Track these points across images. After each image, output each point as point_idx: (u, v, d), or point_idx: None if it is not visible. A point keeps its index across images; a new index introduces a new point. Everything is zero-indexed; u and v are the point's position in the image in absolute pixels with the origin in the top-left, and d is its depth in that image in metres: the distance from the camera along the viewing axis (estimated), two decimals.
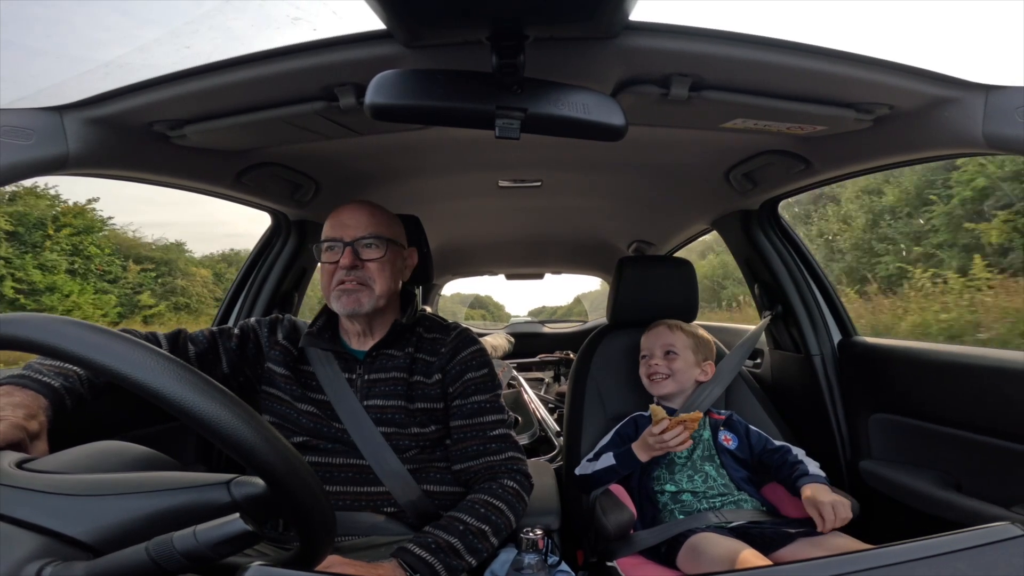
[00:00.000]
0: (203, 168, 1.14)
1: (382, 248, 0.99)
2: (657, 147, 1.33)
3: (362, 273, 0.97)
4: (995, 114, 0.80)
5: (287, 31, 0.77)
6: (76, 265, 10.23)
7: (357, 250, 0.97)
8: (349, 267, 0.96)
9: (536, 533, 0.77)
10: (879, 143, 1.03)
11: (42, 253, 9.72)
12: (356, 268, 0.96)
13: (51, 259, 9.74)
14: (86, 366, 0.41)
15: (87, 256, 10.51)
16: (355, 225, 0.98)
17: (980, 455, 1.10)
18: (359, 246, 0.97)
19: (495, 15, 0.67)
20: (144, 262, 11.54)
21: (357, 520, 0.93)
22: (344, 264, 0.96)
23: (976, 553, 0.52)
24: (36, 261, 9.61)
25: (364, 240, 0.97)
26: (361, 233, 0.97)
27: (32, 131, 0.80)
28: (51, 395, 0.74)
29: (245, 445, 0.42)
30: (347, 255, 0.96)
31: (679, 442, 1.10)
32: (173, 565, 0.40)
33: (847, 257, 8.42)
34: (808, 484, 1.06)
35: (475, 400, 1.00)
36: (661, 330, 1.36)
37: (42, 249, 9.76)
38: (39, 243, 9.76)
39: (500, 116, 0.74)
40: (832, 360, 1.47)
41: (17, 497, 0.43)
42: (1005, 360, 1.05)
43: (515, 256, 3.10)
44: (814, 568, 0.53)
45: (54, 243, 9.91)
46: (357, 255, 0.97)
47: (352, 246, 0.96)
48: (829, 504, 0.99)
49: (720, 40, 0.76)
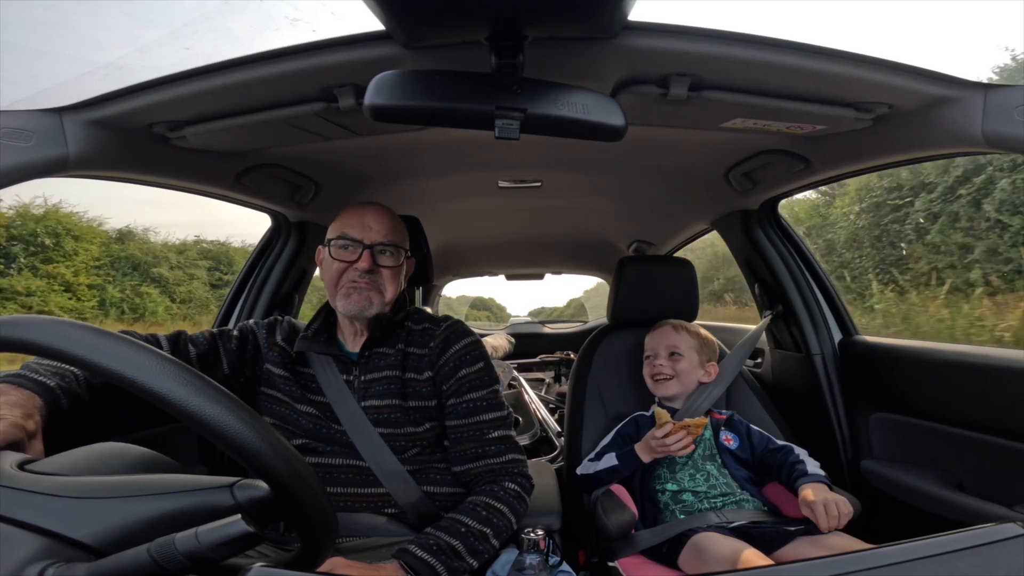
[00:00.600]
0: (203, 169, 1.15)
1: (398, 257, 0.99)
2: (657, 147, 1.33)
3: (376, 278, 0.97)
4: (994, 113, 0.80)
5: (286, 32, 0.77)
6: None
7: (375, 255, 0.97)
8: (365, 270, 0.95)
9: (537, 533, 0.77)
10: (879, 142, 1.03)
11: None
12: (371, 272, 0.96)
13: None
14: (90, 369, 0.41)
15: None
16: (378, 229, 0.97)
17: (982, 454, 1.10)
18: (377, 251, 0.97)
19: (494, 15, 0.67)
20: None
21: (358, 521, 0.93)
22: (361, 267, 0.95)
23: (978, 552, 0.52)
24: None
25: (384, 246, 0.97)
26: (382, 239, 0.97)
27: (32, 133, 0.80)
28: (46, 394, 0.74)
29: (249, 449, 0.43)
30: (365, 258, 0.95)
31: (681, 447, 1.10)
32: (175, 566, 0.40)
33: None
34: (805, 484, 1.05)
35: (471, 398, 0.98)
36: (666, 330, 1.36)
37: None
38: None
39: (499, 116, 0.74)
40: (833, 359, 1.47)
41: (21, 499, 0.43)
42: (1007, 359, 1.05)
43: (515, 256, 3.10)
44: (815, 568, 0.53)
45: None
46: (374, 260, 0.96)
47: (371, 250, 0.96)
48: (821, 503, 0.98)
49: (719, 40, 0.76)
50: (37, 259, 8.44)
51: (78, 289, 8.63)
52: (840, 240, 7.54)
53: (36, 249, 8.49)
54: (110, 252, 9.57)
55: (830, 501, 0.98)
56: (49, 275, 8.38)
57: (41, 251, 8.50)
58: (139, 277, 9.66)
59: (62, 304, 8.25)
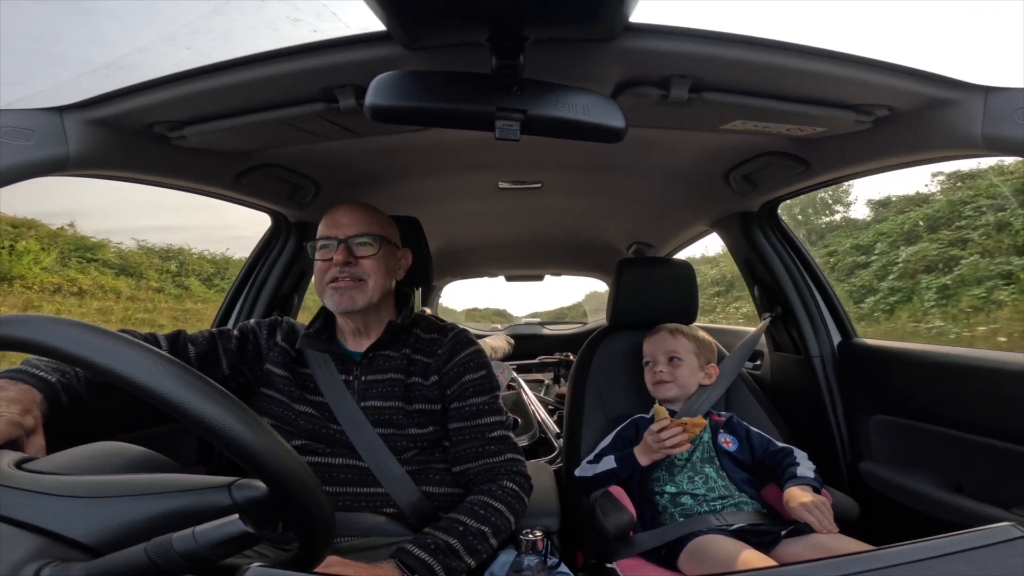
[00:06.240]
0: (203, 169, 1.15)
1: (376, 246, 0.99)
2: (657, 149, 1.33)
3: (356, 269, 0.97)
4: (994, 115, 0.80)
5: (287, 32, 0.77)
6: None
7: (351, 247, 0.98)
8: (343, 264, 0.96)
9: (536, 534, 0.77)
10: (878, 145, 1.03)
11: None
12: (349, 264, 0.97)
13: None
14: (90, 368, 0.41)
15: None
16: (349, 223, 0.99)
17: (980, 456, 1.10)
18: (353, 243, 0.98)
19: (495, 16, 0.67)
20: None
21: (356, 521, 0.93)
22: (338, 260, 0.96)
23: (976, 554, 0.52)
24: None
25: (358, 238, 0.98)
26: (355, 231, 0.98)
27: (32, 132, 0.80)
28: (46, 389, 0.73)
29: (247, 448, 0.42)
30: (341, 251, 0.97)
31: (675, 443, 1.10)
32: (172, 566, 0.40)
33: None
34: (787, 488, 1.06)
35: (473, 402, 1.00)
36: (663, 335, 1.36)
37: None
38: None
39: (500, 117, 0.74)
40: (832, 361, 1.47)
41: (18, 499, 0.43)
42: (1005, 361, 1.05)
43: (515, 258, 3.10)
44: (814, 569, 0.53)
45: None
46: (351, 252, 0.97)
47: (346, 243, 0.97)
48: (799, 506, 0.98)
49: (720, 42, 0.76)
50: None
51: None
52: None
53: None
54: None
55: (810, 504, 0.98)
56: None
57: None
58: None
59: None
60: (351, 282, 0.97)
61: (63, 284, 7.06)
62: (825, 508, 0.99)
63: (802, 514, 0.98)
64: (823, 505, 0.99)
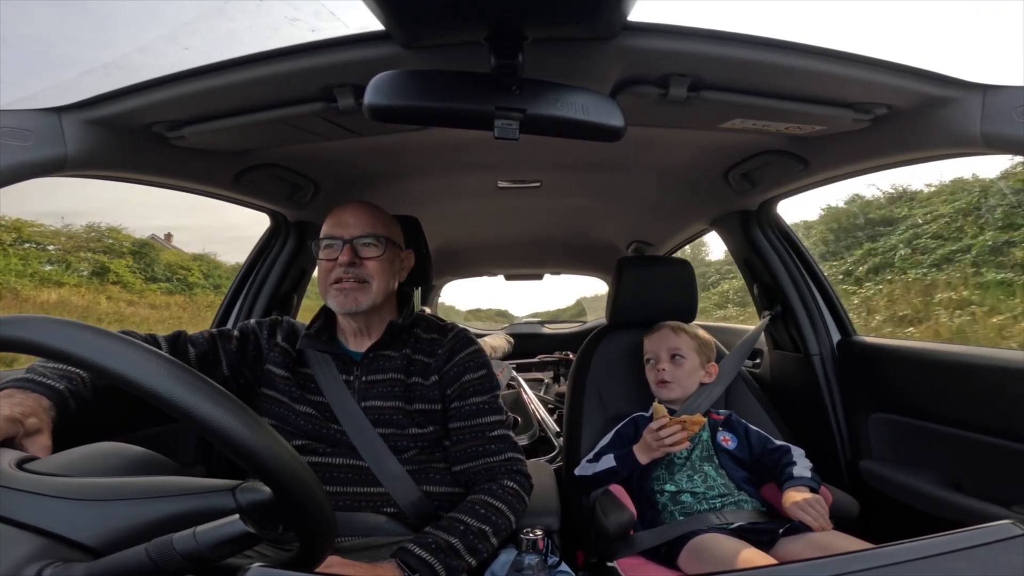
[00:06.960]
0: (202, 169, 1.14)
1: (381, 247, 0.99)
2: (656, 147, 1.33)
3: (360, 271, 0.97)
4: (993, 114, 0.80)
5: (285, 32, 0.77)
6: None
7: (356, 248, 0.97)
8: (347, 264, 0.96)
9: (536, 533, 0.77)
10: (877, 143, 1.03)
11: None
12: (354, 265, 0.97)
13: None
14: (91, 369, 0.41)
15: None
16: (355, 224, 0.98)
17: (980, 454, 1.10)
18: (358, 244, 0.98)
19: (493, 16, 0.67)
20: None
21: (357, 521, 0.93)
22: (343, 261, 0.96)
23: (976, 552, 0.52)
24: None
25: (363, 239, 0.98)
26: (360, 232, 0.98)
27: (31, 132, 0.80)
28: (54, 396, 0.73)
29: (248, 449, 0.42)
30: (346, 252, 0.96)
31: (673, 441, 1.10)
32: (173, 566, 0.40)
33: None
34: (786, 489, 1.06)
35: (473, 402, 0.99)
36: (666, 333, 1.36)
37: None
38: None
39: (499, 117, 0.74)
40: (831, 360, 1.47)
41: (19, 500, 0.43)
42: (1005, 359, 1.06)
43: (514, 257, 3.10)
44: (814, 568, 0.54)
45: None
46: (356, 253, 0.97)
47: (351, 244, 0.97)
48: (793, 506, 0.99)
49: (719, 40, 0.76)
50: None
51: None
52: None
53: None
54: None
55: (803, 503, 0.99)
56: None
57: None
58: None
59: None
60: (355, 283, 0.97)
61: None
62: (820, 505, 0.99)
63: (797, 513, 0.99)
64: (817, 503, 1.00)
